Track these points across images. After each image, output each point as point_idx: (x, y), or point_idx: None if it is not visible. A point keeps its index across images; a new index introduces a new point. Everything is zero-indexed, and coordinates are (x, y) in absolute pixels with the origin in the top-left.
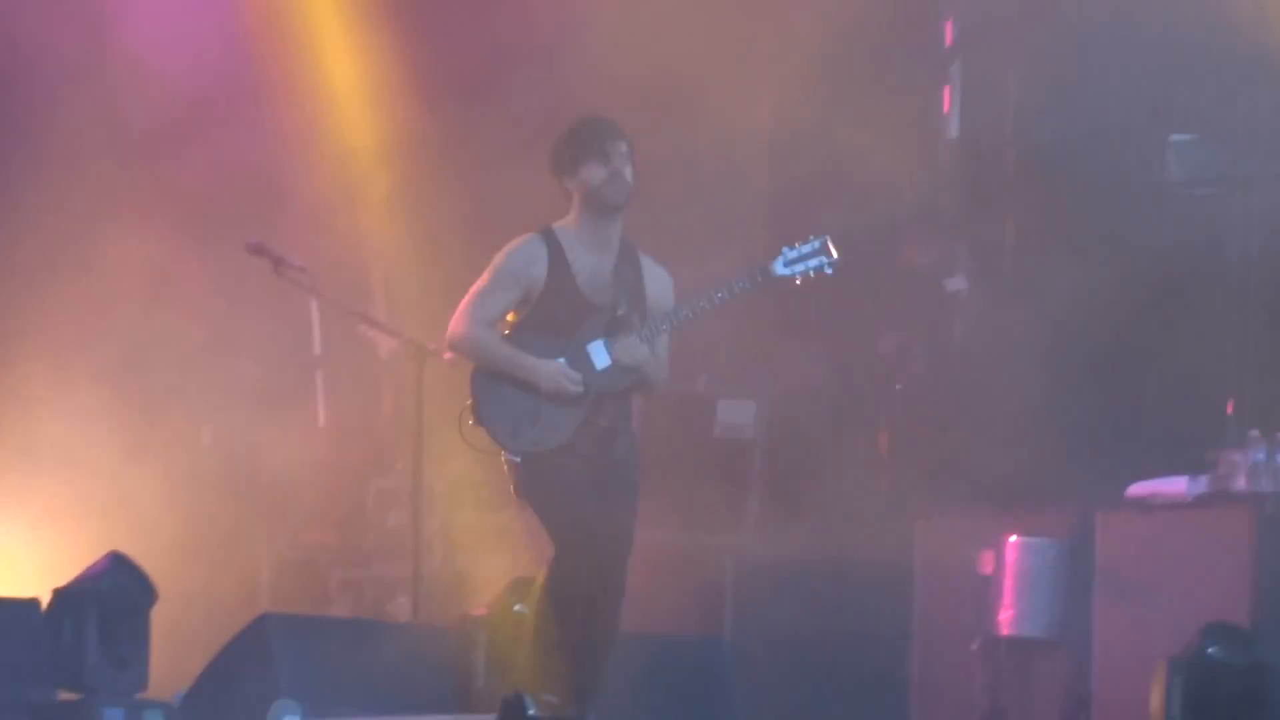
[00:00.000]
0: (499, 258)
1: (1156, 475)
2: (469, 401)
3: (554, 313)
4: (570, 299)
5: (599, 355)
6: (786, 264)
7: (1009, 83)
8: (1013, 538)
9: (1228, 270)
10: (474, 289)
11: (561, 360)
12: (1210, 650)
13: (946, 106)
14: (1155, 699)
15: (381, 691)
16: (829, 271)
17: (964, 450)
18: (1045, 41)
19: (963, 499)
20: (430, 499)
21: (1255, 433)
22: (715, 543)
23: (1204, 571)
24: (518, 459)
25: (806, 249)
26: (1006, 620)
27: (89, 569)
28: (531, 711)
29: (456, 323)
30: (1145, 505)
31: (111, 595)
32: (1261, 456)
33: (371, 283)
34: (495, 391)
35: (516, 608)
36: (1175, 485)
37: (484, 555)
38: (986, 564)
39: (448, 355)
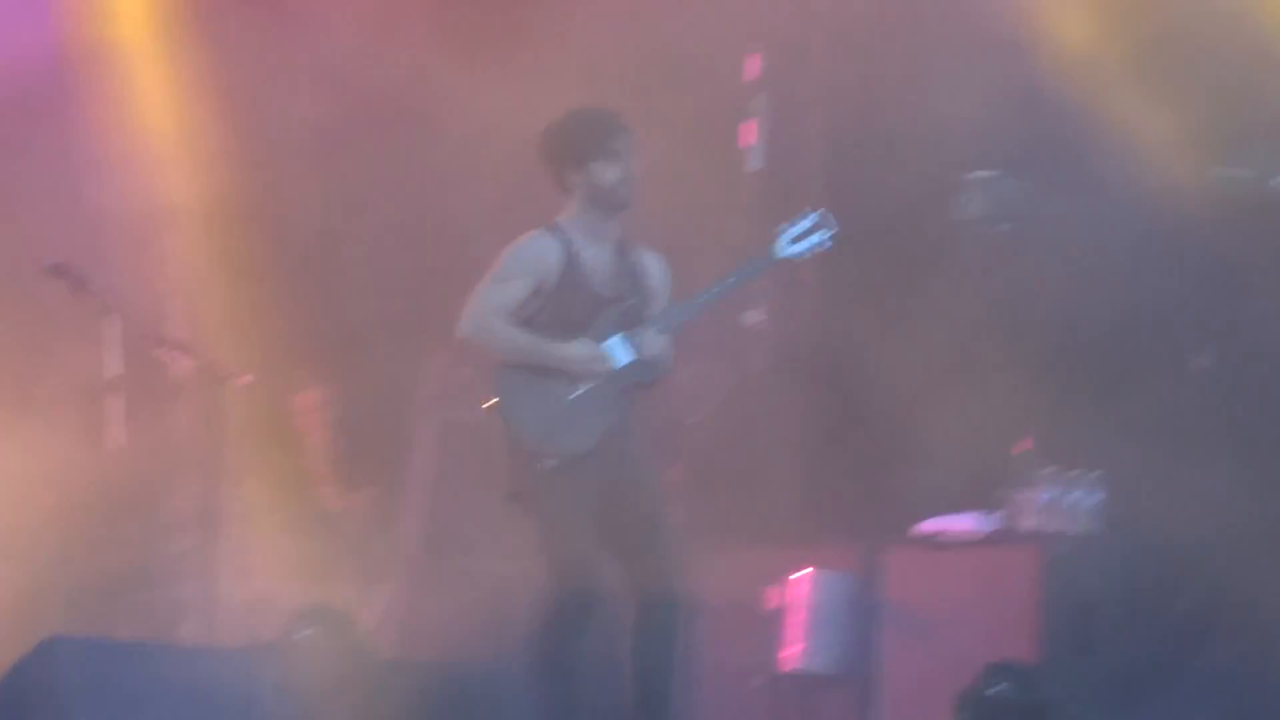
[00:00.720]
0: (508, 252)
1: (946, 512)
2: (493, 401)
3: (567, 310)
4: (583, 294)
5: (619, 350)
6: (791, 242)
7: (814, 117)
8: (803, 571)
9: (1024, 308)
10: (484, 282)
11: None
12: (994, 688)
13: (750, 139)
14: None
15: (172, 715)
16: (830, 245)
17: (757, 483)
18: (848, 79)
19: (753, 532)
20: (224, 522)
21: (1046, 472)
22: (510, 570)
23: (992, 609)
24: (552, 462)
25: (806, 224)
26: (795, 655)
27: None
28: None
29: (471, 315)
30: (934, 542)
31: None
32: (1050, 496)
33: (172, 305)
34: (522, 390)
35: (307, 634)
36: (965, 522)
37: (276, 580)
38: (775, 598)
39: (245, 378)
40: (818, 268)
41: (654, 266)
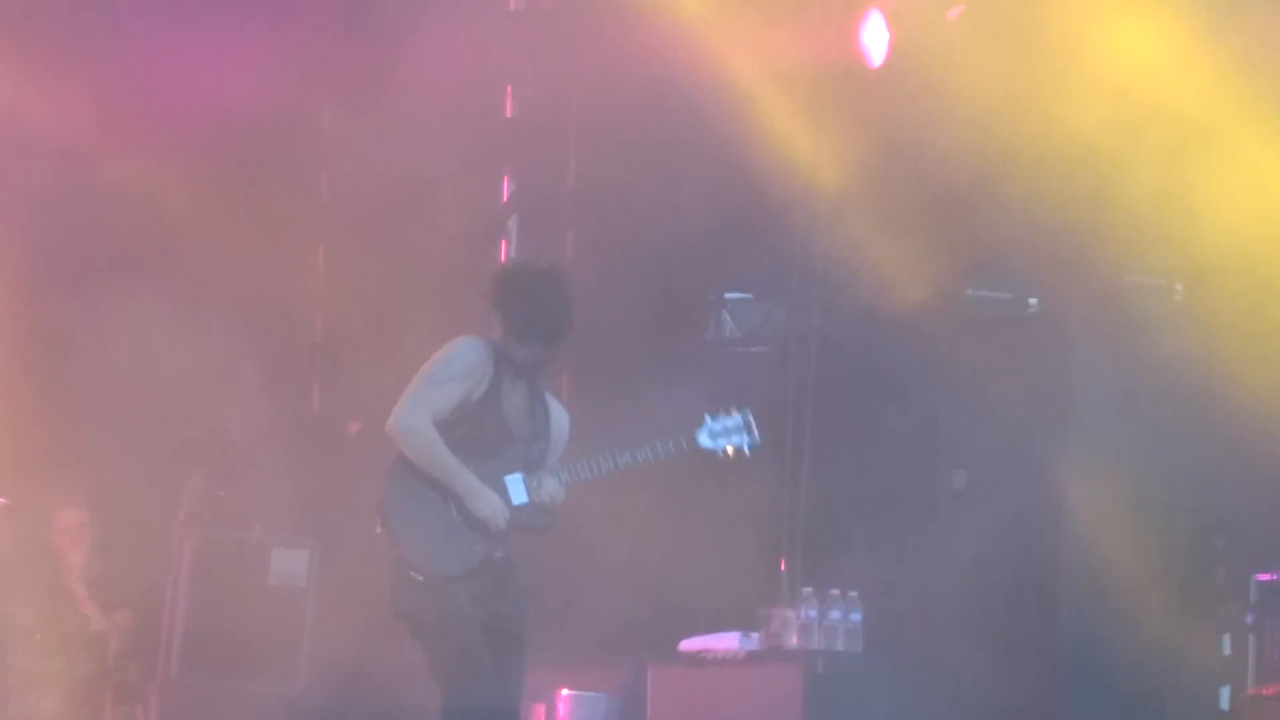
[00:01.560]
0: (451, 351)
1: (709, 631)
2: (378, 501)
3: (480, 432)
4: (497, 422)
5: (516, 490)
6: (711, 436)
7: (566, 240)
8: (564, 691)
9: (782, 427)
10: (422, 379)
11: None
12: None
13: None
14: None
15: None
16: (747, 452)
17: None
18: (601, 200)
19: None
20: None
21: (808, 590)
22: (270, 691)
23: None
24: (420, 578)
25: (730, 423)
26: None
27: None
28: None
29: (407, 413)
30: (697, 660)
31: None
32: (813, 614)
33: None
34: (411, 501)
35: None
36: (727, 641)
37: (35, 700)
38: (539, 717)
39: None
40: (570, 385)
41: (559, 417)
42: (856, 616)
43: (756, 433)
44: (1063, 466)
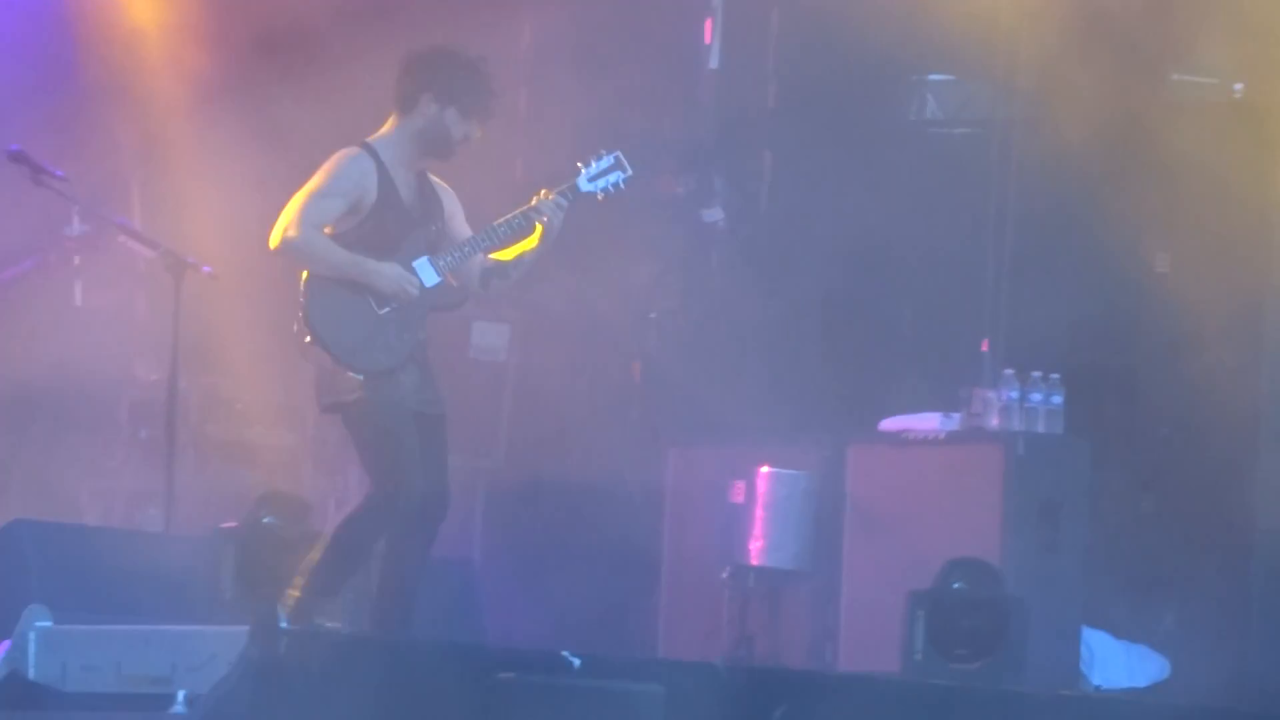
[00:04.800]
0: (330, 165)
1: (909, 411)
2: (300, 313)
3: (381, 228)
4: (398, 215)
5: (425, 272)
6: (590, 180)
7: (771, 17)
8: (764, 468)
9: (984, 210)
10: (304, 193)
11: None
12: (954, 584)
13: (708, 37)
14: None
15: (133, 600)
16: (624, 187)
17: (717, 379)
18: None
19: (715, 429)
20: (184, 411)
21: (1009, 372)
22: (467, 465)
23: (953, 507)
24: (360, 376)
25: (603, 164)
26: (756, 550)
27: None
28: (283, 623)
29: (288, 225)
30: (897, 440)
31: None
32: (1014, 395)
33: (130, 193)
34: (330, 303)
35: (266, 520)
36: (928, 421)
37: (235, 469)
38: (738, 494)
39: (205, 269)
40: (775, 165)
41: (446, 197)
42: (1058, 399)
43: (629, 167)
44: (1267, 250)
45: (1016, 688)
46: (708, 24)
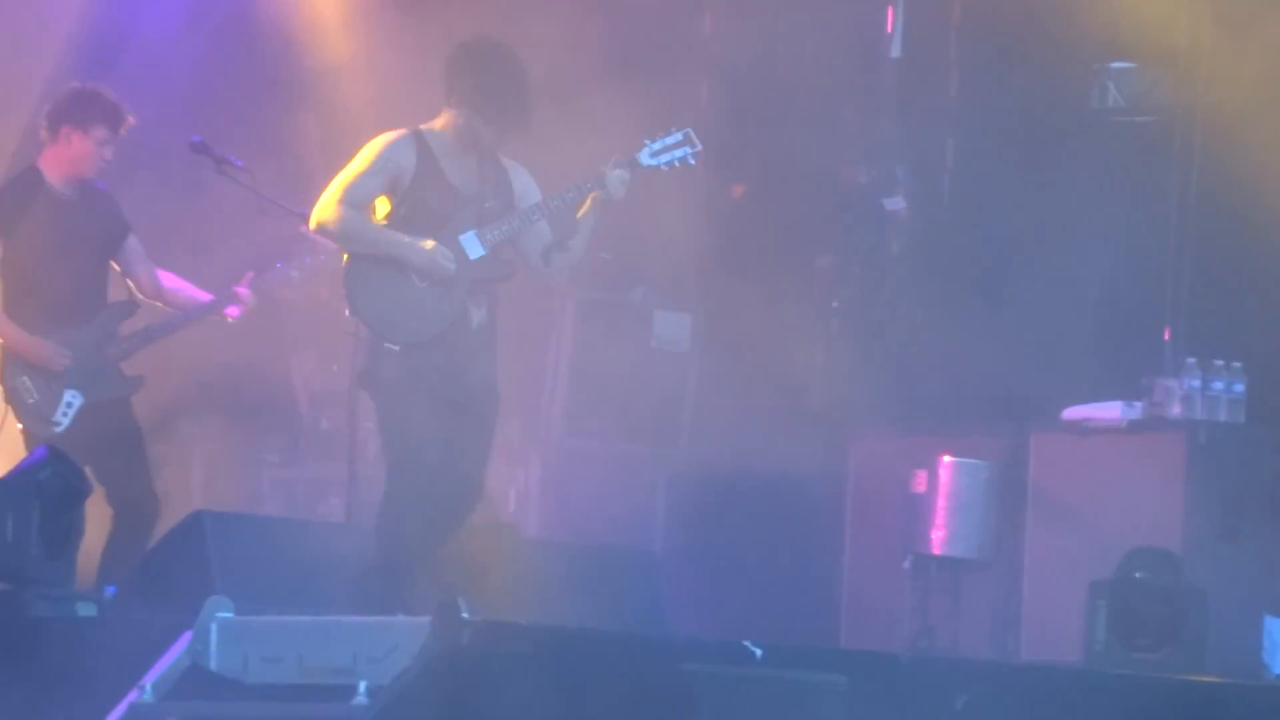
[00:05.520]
0: (368, 147)
1: (1091, 399)
2: (343, 290)
3: (424, 204)
4: (440, 191)
5: (472, 245)
6: (652, 155)
7: (953, 5)
8: (946, 458)
9: (1166, 198)
10: (342, 174)
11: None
12: (1135, 573)
13: (890, 26)
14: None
15: (314, 590)
16: (693, 162)
17: (899, 369)
18: None
19: (897, 417)
20: (365, 401)
21: (1191, 360)
22: (649, 454)
23: (1136, 496)
24: (396, 348)
25: (670, 140)
26: (938, 539)
27: (24, 461)
28: (465, 614)
29: (323, 205)
30: (1079, 428)
31: (49, 487)
32: (1196, 384)
33: (312, 185)
34: (369, 279)
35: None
36: (1110, 410)
37: None
38: (919, 483)
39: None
40: (956, 153)
41: (518, 176)
42: (1240, 388)
43: (698, 143)
44: None
45: (1198, 677)
46: (889, 12)
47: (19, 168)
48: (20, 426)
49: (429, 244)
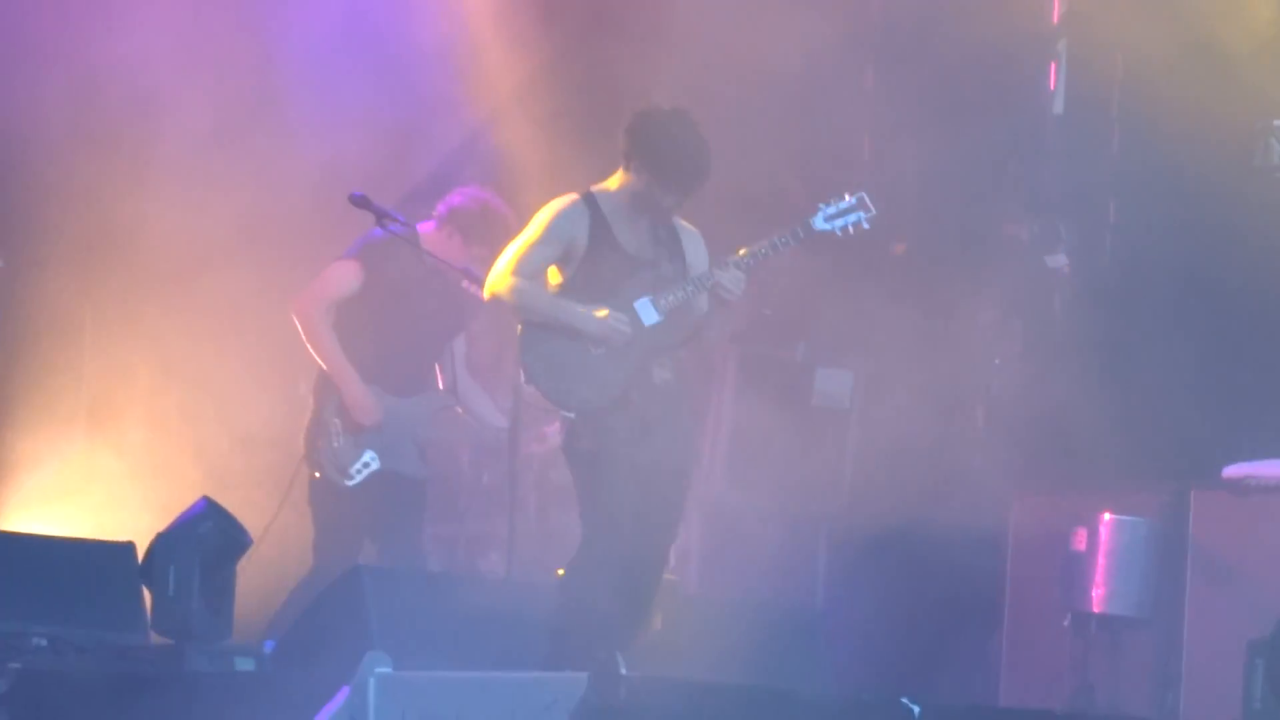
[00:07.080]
0: (542, 215)
1: (1254, 457)
2: (519, 362)
3: (598, 272)
4: (614, 257)
5: (646, 312)
6: (826, 219)
7: (1116, 62)
8: (1106, 515)
9: None
10: (516, 243)
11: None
12: None
13: (1053, 83)
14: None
15: (473, 646)
16: (866, 226)
17: (1060, 427)
18: (1151, 23)
19: (1058, 475)
20: (525, 458)
21: None
22: (810, 511)
23: None
24: (571, 414)
25: (845, 204)
26: (1098, 597)
27: (184, 514)
28: (623, 670)
29: (497, 277)
30: (1241, 486)
31: (209, 540)
32: None
33: None
34: (544, 348)
35: None
36: (1273, 468)
37: (576, 514)
38: (1080, 540)
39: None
40: (1119, 210)
41: (690, 240)
42: None
43: (872, 207)
44: None
45: None
46: (1052, 68)
47: (402, 216)
48: (315, 474)
49: (602, 312)
